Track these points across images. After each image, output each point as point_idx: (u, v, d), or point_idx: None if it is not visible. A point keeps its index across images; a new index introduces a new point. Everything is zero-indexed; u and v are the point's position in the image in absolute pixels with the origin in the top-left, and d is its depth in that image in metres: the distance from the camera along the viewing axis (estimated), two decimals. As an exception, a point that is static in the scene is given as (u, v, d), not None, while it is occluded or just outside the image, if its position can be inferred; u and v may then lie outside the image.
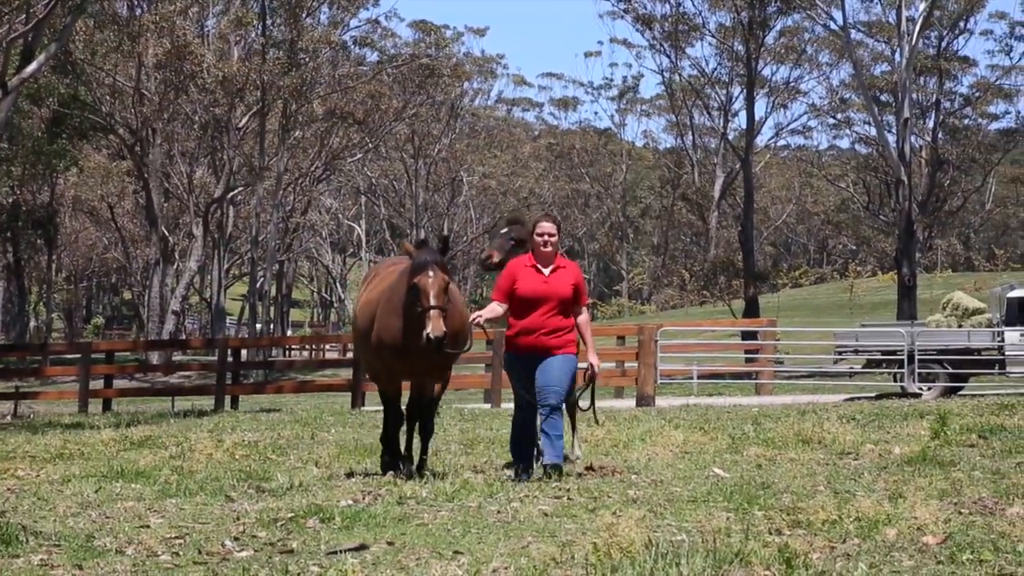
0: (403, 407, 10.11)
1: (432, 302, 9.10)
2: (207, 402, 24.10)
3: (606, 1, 57.36)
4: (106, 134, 49.34)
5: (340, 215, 78.43)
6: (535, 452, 9.62)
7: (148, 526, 7.78)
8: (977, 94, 60.02)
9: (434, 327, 9.01)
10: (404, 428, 10.21)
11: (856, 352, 23.22)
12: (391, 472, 9.79)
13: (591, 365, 9.61)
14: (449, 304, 9.31)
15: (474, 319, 9.48)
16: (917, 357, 21.69)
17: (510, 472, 9.60)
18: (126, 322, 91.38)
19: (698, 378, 24.47)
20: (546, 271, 9.38)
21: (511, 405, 21.30)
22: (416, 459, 10.03)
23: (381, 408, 10.73)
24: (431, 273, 9.18)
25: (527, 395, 9.32)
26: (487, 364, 22.15)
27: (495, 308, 9.48)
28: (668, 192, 78.35)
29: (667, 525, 7.12)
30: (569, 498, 8.59)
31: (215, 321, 50.37)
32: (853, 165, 68.48)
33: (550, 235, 9.47)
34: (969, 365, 22.12)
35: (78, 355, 26.25)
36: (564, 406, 9.54)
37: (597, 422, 11.05)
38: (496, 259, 10.42)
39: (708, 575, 5.46)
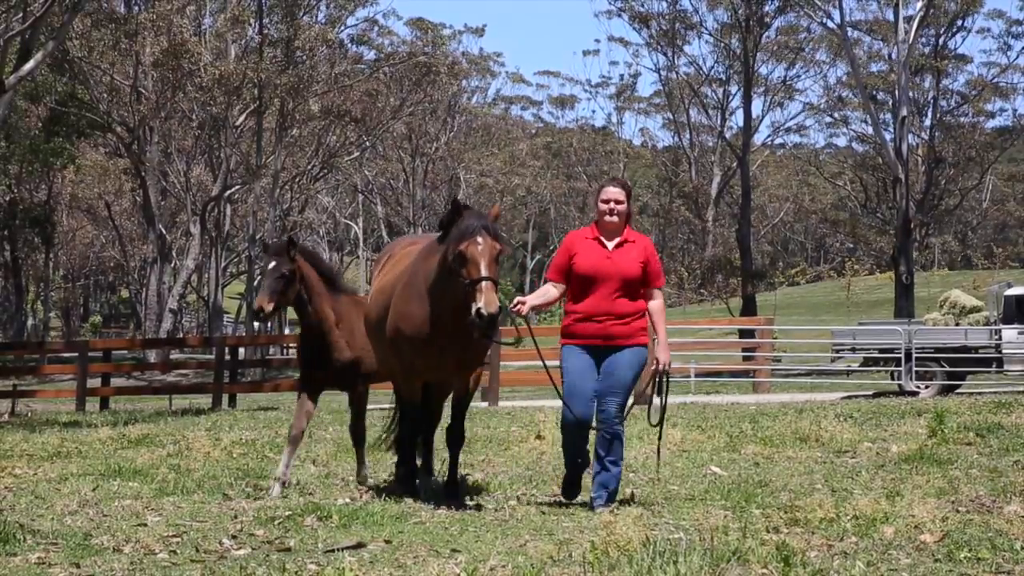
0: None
1: (484, 272, 7.51)
2: (205, 400, 24.10)
3: (603, -1, 56.99)
4: (103, 132, 49.29)
5: (337, 213, 78.41)
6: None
7: (146, 524, 7.78)
8: (974, 92, 60.02)
9: (487, 301, 7.40)
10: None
11: (853, 350, 23.22)
12: (407, 493, 8.48)
13: (657, 362, 7.93)
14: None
15: (516, 306, 7.84)
16: (914, 355, 21.71)
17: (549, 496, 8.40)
18: (123, 320, 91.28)
19: (696, 376, 24.48)
20: (610, 245, 7.80)
21: (511, 403, 21.05)
22: (443, 472, 8.85)
23: (384, 407, 10.09)
24: (480, 240, 7.63)
25: (577, 411, 7.72)
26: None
27: (548, 291, 7.96)
28: (665, 190, 78.30)
29: (664, 523, 7.13)
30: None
31: (212, 319, 50.32)
32: (850, 163, 68.47)
33: (617, 202, 7.84)
34: (966, 363, 22.12)
35: (75, 353, 26.23)
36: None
37: (658, 423, 8.51)
38: (269, 308, 9.03)
39: (706, 573, 5.46)
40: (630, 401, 7.97)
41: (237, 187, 48.42)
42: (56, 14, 25.15)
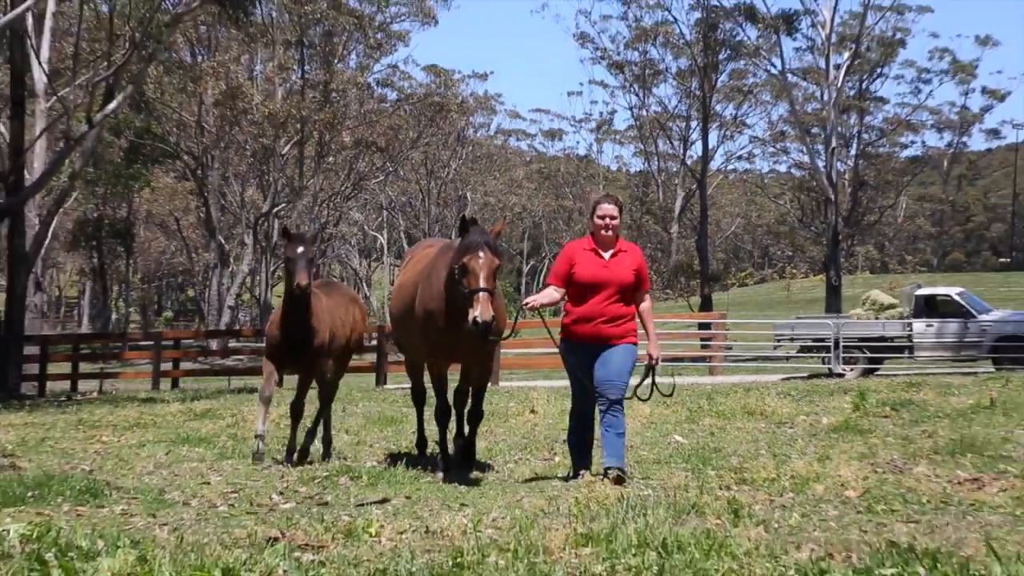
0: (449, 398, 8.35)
1: (481, 283, 7.22)
2: (257, 381, 24.04)
3: (585, 49, 56.83)
4: (173, 160, 49.18)
5: (366, 227, 78.21)
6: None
7: (209, 483, 7.81)
8: (891, 127, 59.98)
9: (483, 311, 7.10)
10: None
11: (792, 340, 23.24)
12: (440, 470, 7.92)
13: (650, 356, 7.58)
14: (497, 288, 7.52)
15: (527, 304, 7.39)
16: (842, 344, 21.73)
17: (559, 466, 7.99)
18: (190, 315, 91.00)
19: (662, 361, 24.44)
20: (606, 255, 7.42)
21: (510, 383, 20.96)
22: (462, 441, 8.29)
23: (402, 387, 9.90)
24: (481, 254, 7.31)
25: (587, 382, 7.35)
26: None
27: (551, 293, 7.45)
28: (637, 207, 78.13)
29: (635, 483, 7.15)
30: (555, 461, 8.61)
31: (263, 314, 50.26)
32: (790, 186, 68.23)
33: (612, 218, 7.42)
34: (884, 350, 22.15)
35: (151, 342, 26.19)
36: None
37: (669, 393, 8.36)
38: (305, 283, 8.51)
39: (669, 523, 5.49)
40: (629, 389, 7.44)
41: (283, 205, 48.35)
42: (134, 63, 25.09)
